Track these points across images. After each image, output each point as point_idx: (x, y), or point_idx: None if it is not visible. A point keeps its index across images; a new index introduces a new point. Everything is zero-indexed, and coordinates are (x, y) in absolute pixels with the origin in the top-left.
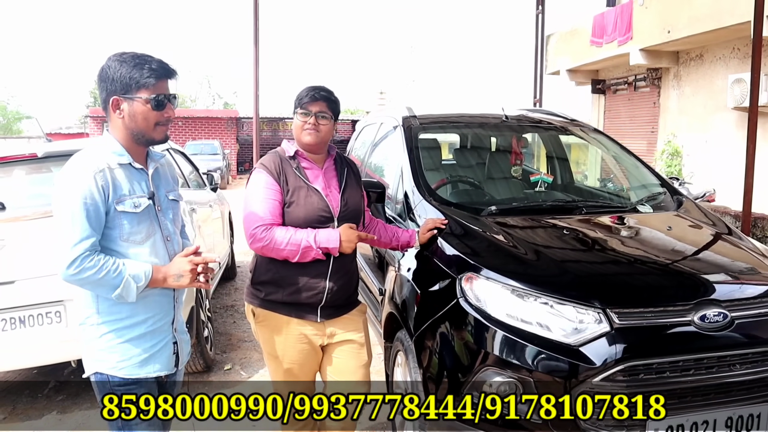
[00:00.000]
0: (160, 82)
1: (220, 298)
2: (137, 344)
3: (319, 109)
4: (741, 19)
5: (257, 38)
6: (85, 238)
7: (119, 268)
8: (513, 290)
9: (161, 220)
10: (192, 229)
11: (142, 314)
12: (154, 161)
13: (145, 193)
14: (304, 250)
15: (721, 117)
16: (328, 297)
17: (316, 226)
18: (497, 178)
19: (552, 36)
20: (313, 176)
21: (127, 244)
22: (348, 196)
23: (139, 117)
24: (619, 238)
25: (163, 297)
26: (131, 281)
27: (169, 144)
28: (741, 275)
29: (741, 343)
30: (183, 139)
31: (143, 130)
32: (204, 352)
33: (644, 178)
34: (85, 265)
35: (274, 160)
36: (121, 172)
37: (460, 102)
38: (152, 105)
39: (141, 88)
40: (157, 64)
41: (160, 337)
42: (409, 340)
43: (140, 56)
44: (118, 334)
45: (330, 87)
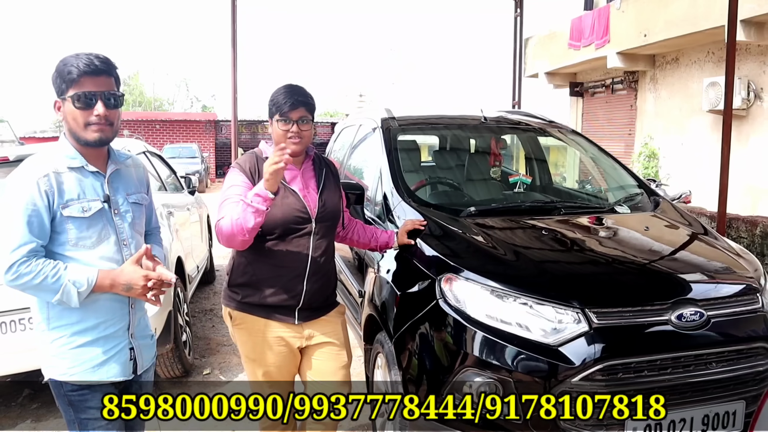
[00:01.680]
0: (84, 79)
1: (198, 302)
2: (88, 350)
3: (300, 115)
4: (716, 24)
5: (235, 40)
6: (23, 244)
7: (59, 273)
8: (492, 291)
9: (117, 223)
10: (169, 232)
11: (93, 319)
12: (116, 163)
13: (98, 196)
14: (244, 212)
15: (697, 120)
16: (305, 299)
17: (294, 227)
18: (476, 180)
19: (530, 39)
20: (290, 177)
21: (76, 248)
22: (326, 197)
23: (69, 117)
24: (598, 238)
25: (116, 302)
26: (71, 286)
27: (145, 146)
28: (717, 274)
29: (717, 341)
30: (161, 143)
31: (75, 130)
32: (182, 356)
33: (622, 179)
34: (21, 270)
35: (250, 161)
36: (70, 175)
37: (439, 104)
38: (74, 103)
39: (68, 88)
40: (84, 62)
41: (113, 343)
42: (389, 341)
43: (75, 55)
44: (68, 339)
45: (304, 86)
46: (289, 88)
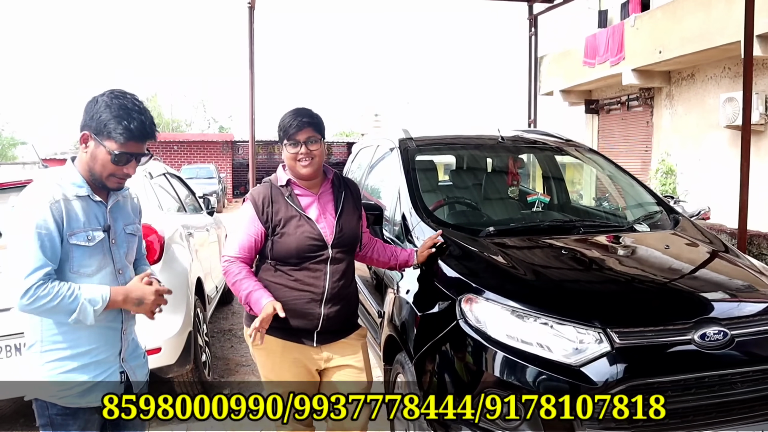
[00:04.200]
0: (130, 143)
1: (217, 322)
2: (79, 374)
3: (307, 136)
4: (731, 39)
5: (252, 62)
6: (38, 267)
7: (74, 293)
8: (513, 311)
9: (114, 253)
10: (189, 253)
11: (86, 345)
12: (116, 194)
13: (100, 225)
14: (242, 299)
15: (714, 135)
16: (323, 323)
17: (309, 255)
18: (494, 199)
19: (545, 57)
20: (306, 203)
21: (77, 276)
22: (344, 222)
23: (98, 162)
24: (618, 257)
25: (110, 330)
26: (87, 305)
27: (165, 168)
28: (740, 293)
29: (742, 361)
30: (179, 164)
31: (98, 174)
32: (202, 376)
33: (640, 197)
34: (38, 293)
35: (264, 192)
36: (78, 203)
37: (455, 123)
38: (113, 158)
39: (110, 139)
40: (136, 124)
41: (104, 368)
42: (409, 362)
43: (127, 109)
44: (60, 363)
45: (310, 107)
46: (295, 111)
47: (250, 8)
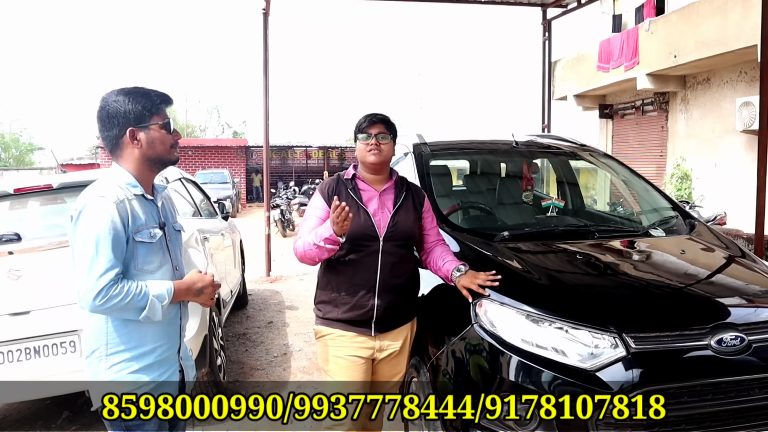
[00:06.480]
0: (166, 110)
1: (232, 326)
2: (145, 375)
3: (378, 130)
4: (747, 43)
5: (267, 67)
6: (110, 268)
7: (143, 290)
8: (527, 315)
9: (171, 249)
10: (204, 257)
11: (151, 344)
12: (160, 193)
13: (157, 223)
14: (317, 248)
15: (730, 140)
16: (378, 313)
17: (362, 243)
18: (508, 204)
19: (559, 62)
20: (366, 197)
21: (140, 273)
22: (398, 219)
23: (158, 142)
24: (633, 262)
25: (171, 326)
26: (156, 301)
27: (180, 173)
28: (757, 298)
29: (759, 367)
30: (193, 168)
31: (161, 154)
32: (217, 380)
33: (655, 202)
34: (111, 293)
35: (330, 183)
36: (137, 203)
37: (469, 128)
38: (167, 128)
39: (154, 116)
40: (158, 94)
41: (167, 366)
42: (424, 366)
43: (141, 88)
44: (127, 365)
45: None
46: (369, 112)
47: (264, 14)
